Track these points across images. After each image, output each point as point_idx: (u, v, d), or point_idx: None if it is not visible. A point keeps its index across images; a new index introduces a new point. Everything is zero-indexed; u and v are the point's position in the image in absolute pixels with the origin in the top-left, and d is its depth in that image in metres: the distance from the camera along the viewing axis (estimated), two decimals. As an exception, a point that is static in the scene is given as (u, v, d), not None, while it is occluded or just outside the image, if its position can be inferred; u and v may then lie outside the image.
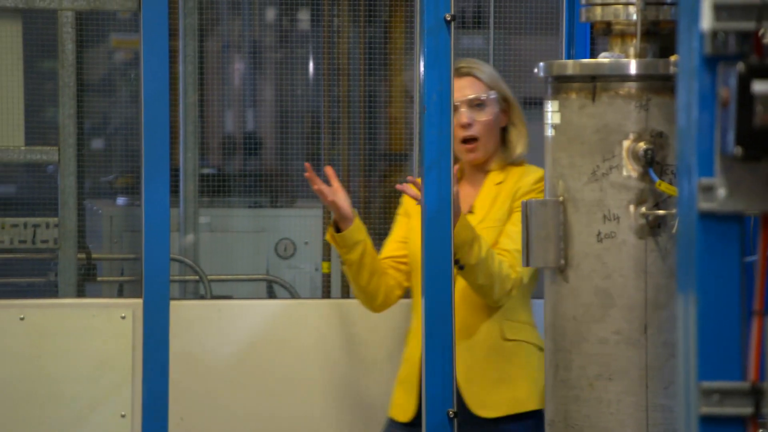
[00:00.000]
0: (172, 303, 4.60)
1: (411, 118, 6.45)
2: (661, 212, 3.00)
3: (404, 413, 3.93)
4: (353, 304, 4.88)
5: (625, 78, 3.01)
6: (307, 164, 3.81)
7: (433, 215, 4.26)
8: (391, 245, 4.04)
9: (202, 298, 5.65)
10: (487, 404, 3.88)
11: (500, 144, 3.95)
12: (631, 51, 3.08)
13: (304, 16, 6.52)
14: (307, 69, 6.48)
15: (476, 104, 3.90)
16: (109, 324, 4.49)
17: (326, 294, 6.01)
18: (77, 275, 5.20)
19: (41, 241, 5.27)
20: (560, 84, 3.08)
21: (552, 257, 3.08)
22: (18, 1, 4.81)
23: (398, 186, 3.76)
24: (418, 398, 3.82)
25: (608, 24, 3.11)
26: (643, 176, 3.00)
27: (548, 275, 3.12)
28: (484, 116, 3.90)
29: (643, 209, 3.01)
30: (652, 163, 2.99)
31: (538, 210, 3.09)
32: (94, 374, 4.51)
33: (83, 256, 5.34)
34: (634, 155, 3.01)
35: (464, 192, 3.97)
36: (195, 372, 4.74)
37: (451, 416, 4.33)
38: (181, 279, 5.91)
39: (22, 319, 4.49)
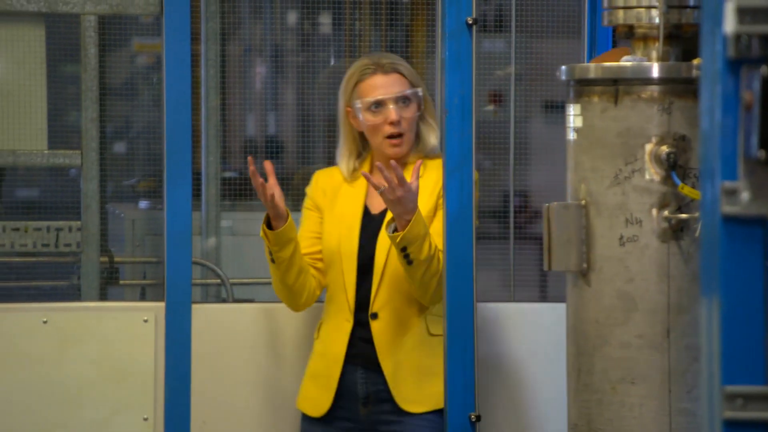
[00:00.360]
0: (194, 306, 4.60)
1: (432, 122, 6.44)
2: (683, 216, 2.99)
3: (317, 408, 3.91)
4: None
5: (648, 81, 3.00)
6: (250, 158, 3.78)
7: (454, 217, 4.26)
8: (305, 241, 3.97)
9: (224, 301, 5.65)
10: (414, 399, 3.86)
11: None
12: (654, 54, 3.07)
13: (325, 20, 6.52)
14: (328, 72, 6.48)
15: (402, 100, 3.87)
16: (131, 327, 4.49)
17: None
18: (100, 278, 5.21)
19: (64, 245, 5.28)
20: (582, 87, 3.08)
21: (574, 261, 3.07)
22: (41, 6, 4.83)
23: (363, 173, 3.71)
24: (336, 393, 3.86)
25: (630, 27, 3.10)
26: (666, 180, 3.00)
27: (570, 279, 3.12)
28: (408, 113, 3.87)
29: (666, 213, 3.00)
30: (674, 166, 2.98)
31: (560, 213, 3.09)
32: (117, 377, 4.51)
33: (106, 259, 5.35)
34: (656, 159, 3.00)
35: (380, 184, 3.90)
36: (217, 375, 4.74)
37: (473, 420, 4.32)
38: (203, 282, 5.92)
39: (45, 322, 4.50)
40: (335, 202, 3.93)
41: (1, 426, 4.47)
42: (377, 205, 3.92)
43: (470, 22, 4.08)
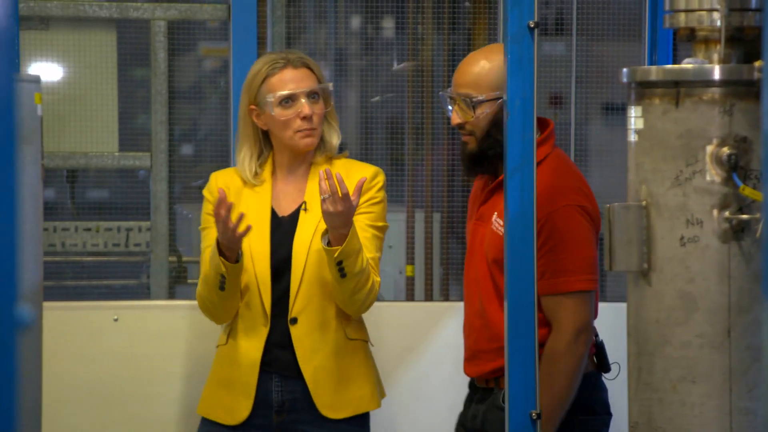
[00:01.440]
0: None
1: (493, 124, 6.43)
2: (744, 217, 2.98)
3: (233, 416, 3.73)
4: (437, 307, 4.88)
5: (709, 84, 2.99)
6: (221, 190, 3.58)
7: (516, 219, 4.25)
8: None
9: (289, 300, 5.66)
10: (334, 405, 3.72)
11: None
12: (715, 57, 3.06)
13: (388, 24, 6.53)
14: (391, 75, 6.49)
15: (313, 95, 3.72)
16: (198, 325, 4.53)
17: (410, 297, 6.01)
18: (168, 277, 5.25)
19: (134, 245, 5.33)
20: (644, 89, 3.06)
21: (635, 261, 3.06)
22: (113, 12, 4.87)
23: (323, 171, 3.56)
24: (254, 400, 3.70)
25: (692, 30, 3.08)
26: (727, 181, 2.98)
27: (631, 279, 3.11)
28: (318, 108, 3.73)
29: (727, 214, 2.98)
30: (735, 167, 2.96)
31: (621, 214, 3.08)
32: (185, 373, 4.54)
33: (174, 258, 5.38)
34: (717, 160, 2.98)
35: (287, 189, 3.77)
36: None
37: (534, 417, 4.31)
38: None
39: (115, 320, 4.54)
40: (239, 206, 3.72)
41: (73, 420, 4.51)
42: (285, 208, 3.77)
43: (532, 25, 4.08)
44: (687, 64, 3.04)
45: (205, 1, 6.13)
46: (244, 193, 3.74)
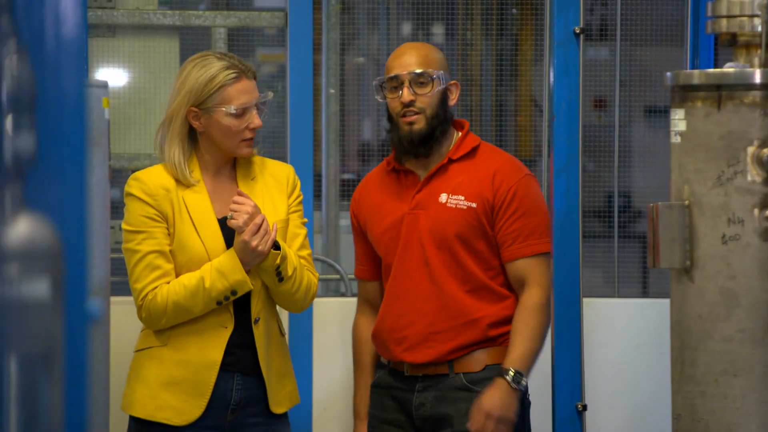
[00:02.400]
0: (315, 300, 4.64)
1: (539, 126, 6.44)
2: (784, 215, 2.96)
3: (183, 416, 3.51)
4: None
5: (750, 87, 2.97)
6: (241, 192, 3.49)
7: (562, 216, 4.25)
8: (166, 258, 3.50)
9: (343, 295, 5.69)
10: (279, 401, 3.60)
11: None
12: (756, 61, 3.04)
13: (438, 30, 6.54)
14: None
15: (259, 107, 3.54)
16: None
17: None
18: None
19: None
20: (686, 93, 3.06)
21: (678, 258, 3.05)
22: (176, 19, 4.90)
23: (239, 192, 3.45)
24: (208, 400, 3.50)
25: (733, 35, 3.07)
26: (767, 181, 2.97)
27: (674, 276, 3.10)
28: (260, 118, 3.55)
29: (767, 213, 2.97)
30: (776, 168, 2.95)
31: (664, 213, 3.07)
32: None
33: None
34: (758, 161, 2.97)
35: (217, 190, 3.57)
36: (336, 365, 4.78)
37: (580, 409, 4.30)
38: (324, 278, 5.96)
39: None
40: (181, 208, 3.51)
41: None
42: (220, 210, 3.55)
43: (578, 31, 4.08)
44: (728, 68, 3.03)
45: (263, 8, 6.16)
46: (180, 194, 3.51)
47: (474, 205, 3.70)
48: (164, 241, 3.50)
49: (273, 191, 3.60)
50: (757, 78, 2.98)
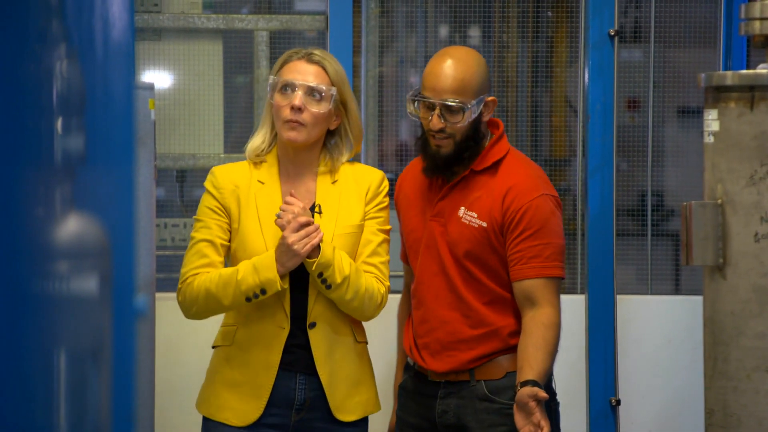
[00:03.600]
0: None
1: (573, 127, 6.42)
2: (816, 214, 2.94)
3: (243, 418, 3.44)
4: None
5: (783, 88, 2.96)
6: (292, 192, 3.39)
7: (596, 215, 4.23)
8: (218, 250, 3.43)
9: (381, 292, 5.68)
10: (347, 408, 3.47)
11: (323, 145, 3.50)
12: (788, 62, 3.02)
13: (474, 33, 6.52)
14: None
15: (315, 93, 3.40)
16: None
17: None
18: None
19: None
20: (720, 94, 3.04)
21: (711, 256, 3.04)
22: (219, 23, 4.92)
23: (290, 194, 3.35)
24: (270, 400, 3.42)
25: (766, 37, 3.05)
26: (799, 180, 2.94)
27: (707, 273, 3.08)
28: (317, 108, 3.40)
29: (799, 211, 2.95)
30: (808, 167, 2.93)
31: (697, 212, 3.05)
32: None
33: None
34: (790, 160, 2.95)
35: (294, 188, 3.46)
36: (375, 363, 4.78)
37: (614, 404, 4.29)
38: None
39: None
40: (249, 203, 3.44)
41: (183, 403, 4.56)
42: None
43: (612, 33, 4.07)
44: (761, 69, 3.01)
45: (304, 12, 6.17)
46: (253, 190, 3.44)
47: (484, 224, 3.53)
48: (218, 233, 3.43)
49: (351, 196, 3.47)
50: (790, 79, 2.96)
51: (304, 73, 3.42)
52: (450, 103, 3.47)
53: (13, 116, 1.34)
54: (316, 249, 3.33)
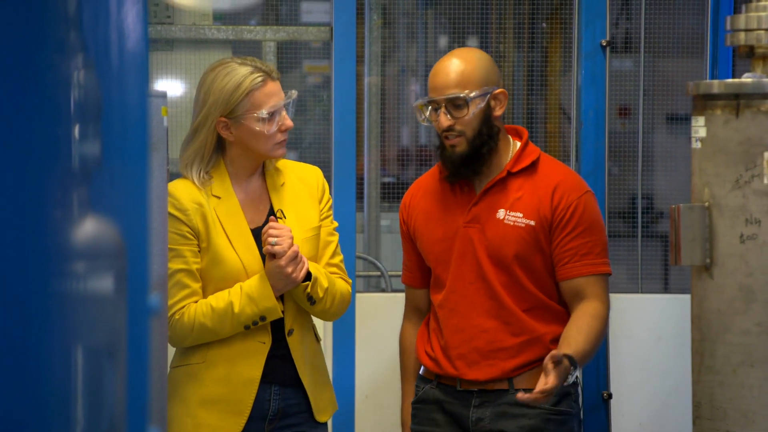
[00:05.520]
0: (358, 295, 4.64)
1: (566, 133, 6.42)
2: (799, 216, 2.94)
3: None
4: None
5: (767, 96, 2.95)
6: (272, 218, 3.20)
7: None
8: (195, 276, 3.20)
9: (383, 291, 5.69)
10: (322, 409, 3.30)
11: None
12: (772, 71, 3.03)
13: (472, 43, 6.53)
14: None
15: (287, 108, 3.26)
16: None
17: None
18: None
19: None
20: (706, 101, 3.04)
21: (698, 256, 3.03)
22: (229, 34, 4.92)
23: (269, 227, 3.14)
24: (247, 417, 3.21)
25: (751, 48, 3.05)
26: (783, 184, 2.94)
27: (695, 273, 3.08)
28: (290, 117, 3.25)
29: (783, 214, 2.95)
30: (791, 172, 2.93)
31: (686, 214, 3.05)
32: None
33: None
34: (774, 165, 2.95)
35: (247, 200, 3.27)
36: (377, 356, 4.78)
37: (605, 397, 4.28)
38: (366, 274, 5.96)
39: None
40: (213, 220, 3.21)
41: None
42: (252, 219, 3.27)
43: (604, 44, 4.06)
44: (746, 79, 3.01)
45: (310, 24, 6.17)
46: (212, 206, 3.21)
47: (533, 222, 3.33)
48: (192, 259, 3.19)
49: (304, 197, 3.30)
50: (774, 87, 2.96)
51: (278, 93, 3.22)
52: (451, 96, 3.32)
53: (33, 123, 1.34)
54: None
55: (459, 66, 3.35)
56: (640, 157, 5.77)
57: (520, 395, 3.15)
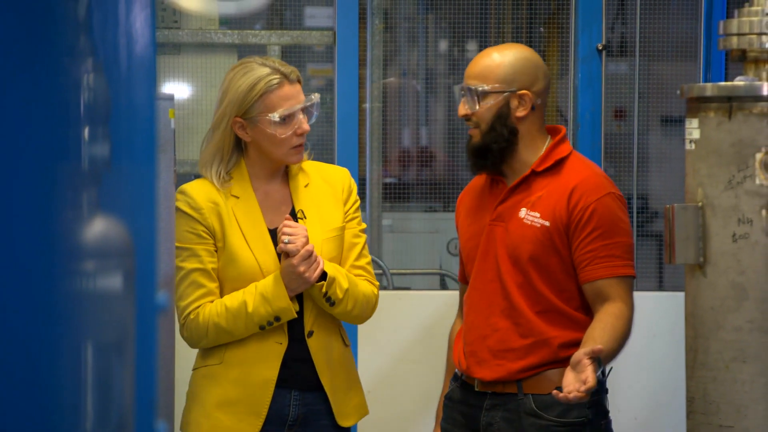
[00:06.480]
0: (360, 292, 4.64)
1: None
2: (790, 216, 2.94)
3: None
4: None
5: (759, 98, 2.96)
6: (288, 217, 3.10)
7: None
8: (211, 276, 3.11)
9: (385, 289, 5.69)
10: (347, 414, 3.19)
11: None
12: (764, 75, 3.03)
13: (472, 47, 6.53)
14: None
15: (306, 111, 3.12)
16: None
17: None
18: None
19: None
20: (700, 104, 3.04)
21: (692, 255, 3.04)
22: (234, 38, 4.92)
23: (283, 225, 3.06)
24: (264, 419, 3.12)
25: (743, 52, 3.06)
26: (774, 184, 2.95)
27: (689, 271, 3.08)
28: (309, 122, 3.14)
29: (774, 213, 2.95)
30: (782, 173, 2.93)
31: (680, 214, 3.06)
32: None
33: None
34: (765, 166, 2.95)
35: (268, 200, 3.18)
36: (379, 352, 4.78)
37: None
38: (368, 272, 5.96)
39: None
40: (230, 219, 3.11)
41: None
42: (272, 220, 3.17)
43: (600, 48, 4.07)
44: (739, 82, 3.01)
45: (313, 28, 6.17)
46: (229, 206, 3.12)
47: (547, 223, 3.22)
48: (207, 259, 3.10)
49: (328, 198, 3.18)
50: (765, 90, 2.96)
51: (295, 97, 3.10)
52: (470, 86, 3.22)
53: (44, 125, 1.34)
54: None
55: (489, 59, 3.25)
56: (635, 158, 5.78)
57: (555, 392, 3.00)
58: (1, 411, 1.27)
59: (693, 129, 3.06)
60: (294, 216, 3.15)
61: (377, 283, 3.24)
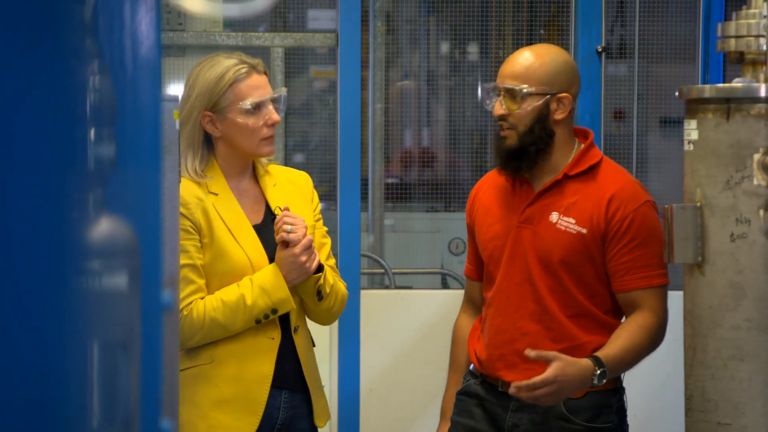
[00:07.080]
0: (363, 292, 4.65)
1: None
2: (787, 216, 2.94)
3: None
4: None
5: (756, 100, 2.96)
6: (286, 208, 3.05)
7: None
8: (199, 272, 3.02)
9: (387, 288, 5.69)
10: (319, 414, 3.13)
11: None
12: (762, 77, 3.03)
13: (473, 49, 6.53)
14: (475, 94, 6.49)
15: (276, 102, 3.05)
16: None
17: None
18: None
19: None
20: (698, 105, 3.04)
21: (691, 254, 3.04)
22: (238, 41, 4.92)
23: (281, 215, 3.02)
24: (261, 418, 3.04)
25: (741, 54, 3.05)
26: (772, 185, 2.95)
27: (687, 270, 3.08)
28: (278, 114, 3.07)
29: (772, 213, 2.95)
30: (780, 173, 2.93)
31: (678, 214, 3.06)
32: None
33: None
34: (763, 166, 2.95)
35: (242, 197, 3.11)
36: (381, 350, 4.78)
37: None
38: (370, 272, 5.97)
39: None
40: (213, 215, 3.03)
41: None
42: (252, 217, 3.11)
43: (599, 50, 4.07)
44: (737, 83, 3.01)
45: (316, 30, 6.17)
46: (211, 202, 3.04)
47: (584, 230, 3.16)
48: (196, 254, 3.00)
49: (297, 197, 3.13)
50: (763, 92, 2.96)
51: (264, 86, 3.05)
52: (508, 86, 3.15)
53: (51, 126, 1.34)
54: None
55: (528, 59, 3.18)
56: (634, 159, 5.78)
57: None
58: (7, 409, 1.27)
59: (691, 130, 3.06)
60: (271, 212, 3.10)
61: (344, 283, 3.19)
